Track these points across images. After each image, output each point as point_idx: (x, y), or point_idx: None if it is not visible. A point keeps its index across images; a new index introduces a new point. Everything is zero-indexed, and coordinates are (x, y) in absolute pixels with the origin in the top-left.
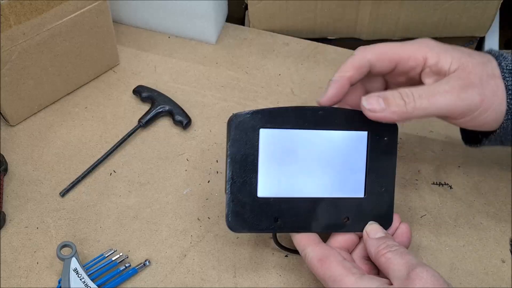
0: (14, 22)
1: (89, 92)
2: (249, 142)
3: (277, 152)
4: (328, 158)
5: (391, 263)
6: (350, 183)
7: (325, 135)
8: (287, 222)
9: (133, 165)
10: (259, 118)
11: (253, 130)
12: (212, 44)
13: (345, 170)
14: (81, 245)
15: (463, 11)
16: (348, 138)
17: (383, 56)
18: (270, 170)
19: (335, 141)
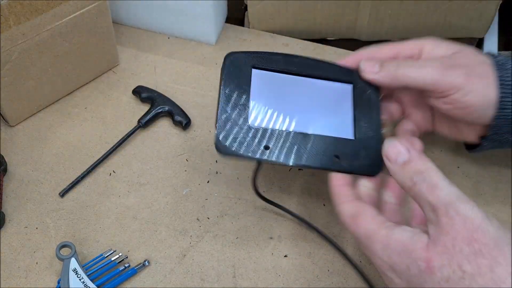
0: (13, 23)
1: (89, 92)
2: (242, 77)
3: (268, 90)
4: (317, 102)
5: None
6: (339, 125)
7: (313, 82)
8: (276, 152)
9: (132, 166)
10: (253, 59)
11: (246, 68)
12: (211, 44)
13: (333, 114)
14: (80, 245)
15: (462, 12)
16: (335, 88)
17: (383, 47)
18: (261, 104)
19: (322, 89)
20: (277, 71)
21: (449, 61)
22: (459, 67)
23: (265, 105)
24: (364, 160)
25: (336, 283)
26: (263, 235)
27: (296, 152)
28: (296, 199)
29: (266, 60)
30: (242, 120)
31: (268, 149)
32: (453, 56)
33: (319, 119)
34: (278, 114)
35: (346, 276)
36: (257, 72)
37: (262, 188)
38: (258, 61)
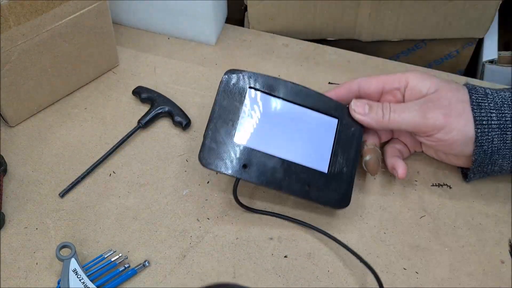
0: (13, 23)
1: (89, 93)
2: (237, 95)
3: (259, 111)
4: (302, 130)
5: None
6: (317, 157)
7: (303, 111)
8: (254, 172)
9: (132, 166)
10: (250, 79)
11: (243, 87)
12: (211, 45)
13: (314, 145)
14: (80, 245)
15: (462, 12)
16: (321, 120)
17: (370, 80)
18: (249, 124)
19: (310, 119)
20: (271, 95)
21: (430, 104)
22: (438, 108)
23: (253, 126)
24: (333, 194)
25: (336, 283)
26: (263, 236)
27: (271, 175)
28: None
29: (263, 83)
30: (228, 136)
31: (246, 168)
32: (434, 96)
33: (300, 147)
34: (263, 137)
35: (346, 276)
36: (252, 93)
37: (259, 192)
38: (256, 82)
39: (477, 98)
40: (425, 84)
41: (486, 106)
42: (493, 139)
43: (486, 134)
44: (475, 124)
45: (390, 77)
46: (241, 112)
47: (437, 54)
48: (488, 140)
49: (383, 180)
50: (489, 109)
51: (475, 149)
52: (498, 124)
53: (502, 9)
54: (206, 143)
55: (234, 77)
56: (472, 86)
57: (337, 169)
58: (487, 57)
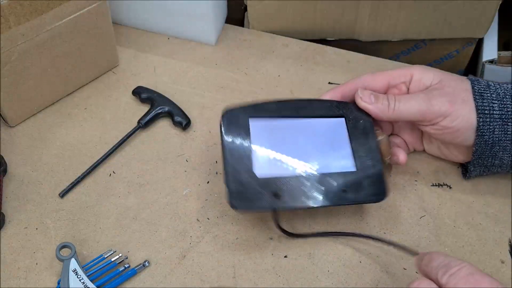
0: (13, 23)
1: (89, 93)
2: (241, 130)
3: (268, 137)
4: (315, 140)
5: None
6: (340, 159)
7: (308, 122)
8: (288, 198)
9: (132, 166)
10: (248, 110)
11: (244, 120)
12: (211, 45)
13: (332, 149)
14: (80, 246)
15: (462, 12)
16: (329, 124)
17: (376, 76)
18: (264, 153)
19: (318, 127)
20: (273, 117)
21: (435, 92)
22: (443, 96)
23: (267, 153)
24: (369, 188)
25: (336, 283)
26: (263, 235)
27: (304, 195)
28: None
29: (260, 109)
30: (249, 172)
31: (279, 197)
32: (438, 86)
33: (320, 157)
34: (281, 160)
35: (346, 276)
36: (255, 122)
37: None
38: (253, 111)
39: (480, 88)
40: (429, 76)
41: (488, 97)
42: (494, 129)
43: (487, 124)
44: (477, 113)
45: (395, 72)
46: (251, 145)
47: (437, 54)
48: (490, 130)
49: None
50: (491, 99)
51: (476, 139)
52: (500, 115)
53: (502, 9)
54: (231, 188)
55: (232, 114)
56: (475, 78)
57: (364, 163)
58: (487, 57)
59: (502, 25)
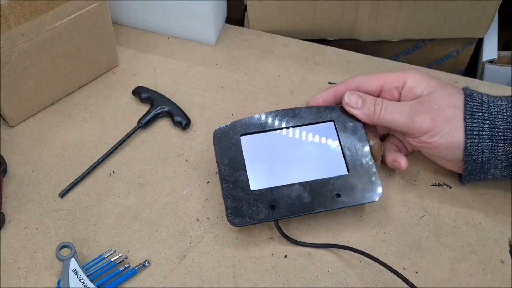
0: (13, 23)
1: (89, 93)
2: (233, 147)
3: (260, 151)
4: (306, 148)
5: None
6: (332, 164)
7: (297, 130)
8: (284, 208)
9: (132, 166)
10: (237, 127)
11: (235, 138)
12: (211, 45)
13: (324, 155)
14: (80, 245)
15: (462, 12)
16: (318, 130)
17: (370, 77)
18: (258, 166)
19: (307, 133)
20: (263, 131)
21: (420, 107)
22: (426, 113)
23: (261, 167)
24: (363, 189)
25: (336, 283)
26: (263, 235)
27: (300, 203)
28: None
29: (249, 125)
30: (244, 188)
31: (275, 208)
32: (425, 99)
33: (312, 164)
34: (276, 171)
35: (347, 276)
36: (246, 138)
37: None
38: (243, 128)
39: (471, 106)
40: (421, 86)
41: (479, 116)
42: (484, 149)
43: (476, 145)
44: (466, 133)
45: (390, 76)
46: (245, 161)
47: (437, 54)
48: (478, 151)
49: (383, 180)
50: (482, 119)
51: (464, 158)
52: (489, 136)
53: (502, 9)
54: (228, 204)
55: (223, 133)
56: (470, 92)
57: (356, 164)
58: (487, 57)
59: (502, 25)
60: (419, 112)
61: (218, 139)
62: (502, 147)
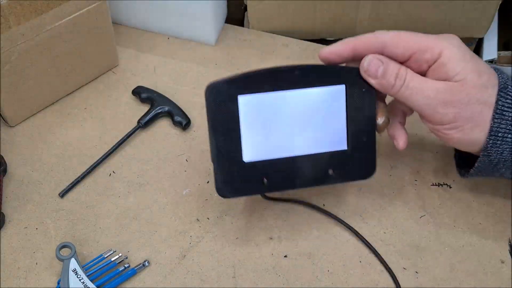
0: (13, 23)
1: (89, 93)
2: (229, 110)
3: (257, 116)
4: (308, 115)
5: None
6: (332, 137)
7: (304, 93)
8: (275, 182)
9: (132, 166)
10: (236, 85)
11: (232, 98)
12: (211, 45)
13: (326, 125)
14: (80, 245)
15: (462, 12)
16: (327, 93)
17: (400, 41)
18: (253, 135)
19: (314, 98)
20: (264, 91)
21: (448, 96)
22: (452, 106)
23: (257, 135)
24: (357, 167)
25: (336, 283)
26: (263, 235)
27: (293, 177)
28: None
29: (250, 82)
30: (237, 158)
31: (266, 181)
32: (456, 88)
33: (311, 134)
34: (272, 142)
35: (347, 276)
36: (244, 99)
37: None
38: (242, 86)
39: (503, 105)
40: (456, 67)
41: (509, 117)
42: (503, 151)
43: (497, 146)
44: (490, 133)
45: (423, 44)
46: (240, 127)
47: None
48: (498, 152)
49: (383, 180)
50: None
51: (481, 158)
52: None
53: (502, 9)
54: (217, 174)
55: (218, 90)
56: (504, 85)
57: (357, 139)
58: (487, 56)
59: (502, 25)
60: (445, 103)
61: (211, 96)
62: None
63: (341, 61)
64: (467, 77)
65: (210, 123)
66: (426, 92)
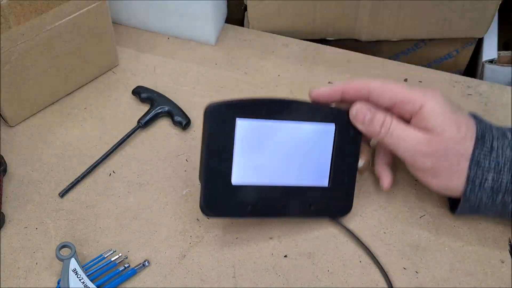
0: (13, 23)
1: (89, 93)
2: (225, 131)
3: (252, 141)
4: (298, 148)
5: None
6: (316, 173)
7: (297, 126)
8: (258, 208)
9: (132, 166)
10: (236, 109)
11: (230, 121)
12: (211, 45)
13: (312, 160)
14: (80, 245)
15: (462, 12)
16: (318, 130)
17: (386, 91)
18: (245, 159)
19: (305, 132)
20: (260, 118)
21: (427, 148)
22: (431, 156)
23: (248, 160)
24: (336, 204)
25: (336, 283)
26: (263, 235)
27: (274, 206)
28: None
29: (249, 108)
30: (226, 179)
31: (250, 206)
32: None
33: (298, 168)
34: (261, 168)
35: (346, 276)
36: (242, 123)
37: None
38: (241, 110)
39: (479, 154)
40: (436, 121)
41: (485, 167)
42: (482, 197)
43: (475, 193)
44: (467, 181)
45: (406, 96)
46: (234, 149)
47: (437, 54)
48: (477, 198)
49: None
50: (487, 170)
51: (461, 203)
52: (491, 186)
53: (502, 9)
54: (204, 192)
55: (217, 111)
56: (482, 134)
57: (338, 178)
58: (487, 56)
59: (502, 25)
60: (424, 153)
61: (211, 116)
62: (502, 197)
63: (330, 102)
64: (445, 129)
65: (205, 142)
66: (408, 141)
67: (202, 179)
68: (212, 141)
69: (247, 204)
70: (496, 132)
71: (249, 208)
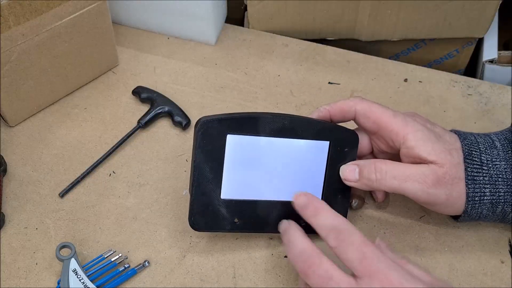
0: (13, 23)
1: (89, 93)
2: (216, 146)
3: (242, 157)
4: (290, 165)
5: None
6: (309, 189)
7: (289, 143)
8: (247, 222)
9: (132, 166)
10: (227, 124)
11: (220, 136)
12: (211, 45)
13: (305, 177)
14: (80, 245)
15: (462, 12)
16: (311, 147)
17: (370, 115)
18: (234, 174)
19: (298, 149)
20: (252, 134)
21: (434, 178)
22: (442, 186)
23: (238, 175)
24: None
25: None
26: (263, 236)
27: (264, 221)
28: None
29: (240, 124)
30: (215, 193)
31: (238, 221)
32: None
33: (290, 184)
34: (252, 183)
35: None
36: (232, 138)
37: None
38: (233, 126)
39: (472, 171)
40: (426, 149)
41: (480, 181)
42: (483, 211)
43: (476, 208)
44: (467, 199)
45: (389, 125)
46: (224, 164)
47: (437, 53)
48: (478, 212)
49: None
50: (483, 183)
51: (462, 218)
52: (490, 200)
53: (502, 9)
54: (193, 206)
55: (208, 126)
56: (469, 152)
57: (331, 196)
58: (487, 56)
59: (502, 25)
60: (434, 184)
61: (201, 130)
62: (501, 208)
63: None
64: (441, 157)
65: (196, 156)
66: (413, 177)
67: (191, 192)
68: (203, 155)
69: (237, 219)
70: (483, 144)
71: (238, 223)
